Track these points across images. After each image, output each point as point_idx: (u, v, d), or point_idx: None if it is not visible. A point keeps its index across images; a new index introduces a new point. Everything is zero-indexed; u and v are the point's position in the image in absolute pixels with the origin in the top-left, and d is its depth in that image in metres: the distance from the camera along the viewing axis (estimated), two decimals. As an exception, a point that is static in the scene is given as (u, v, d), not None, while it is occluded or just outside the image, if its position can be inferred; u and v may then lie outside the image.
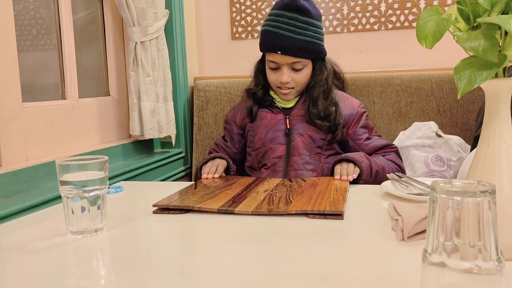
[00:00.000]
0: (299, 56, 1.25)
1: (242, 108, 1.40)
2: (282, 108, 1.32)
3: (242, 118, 1.40)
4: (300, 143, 1.27)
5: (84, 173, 0.73)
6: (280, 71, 1.27)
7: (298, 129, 1.28)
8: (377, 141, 1.31)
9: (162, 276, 0.57)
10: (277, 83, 1.29)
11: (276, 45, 1.24)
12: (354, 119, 1.31)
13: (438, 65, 1.62)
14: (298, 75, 1.28)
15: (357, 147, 1.30)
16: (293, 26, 1.23)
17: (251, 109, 1.35)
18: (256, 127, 1.34)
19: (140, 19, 1.44)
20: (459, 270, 0.40)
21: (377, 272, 0.57)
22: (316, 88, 1.28)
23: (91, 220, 0.74)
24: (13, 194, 1.04)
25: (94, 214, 0.74)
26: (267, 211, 0.82)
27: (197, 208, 0.85)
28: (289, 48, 1.23)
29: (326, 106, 1.26)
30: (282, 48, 1.24)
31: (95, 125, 1.44)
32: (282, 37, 1.23)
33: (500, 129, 0.58)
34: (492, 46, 0.52)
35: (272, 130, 1.30)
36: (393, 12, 1.68)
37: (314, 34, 1.25)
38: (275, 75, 1.29)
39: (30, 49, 1.29)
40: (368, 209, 0.86)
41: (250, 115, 1.36)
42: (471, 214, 0.40)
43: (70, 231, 0.74)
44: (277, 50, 1.24)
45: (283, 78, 1.26)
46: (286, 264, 0.60)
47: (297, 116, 1.30)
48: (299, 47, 1.23)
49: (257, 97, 1.35)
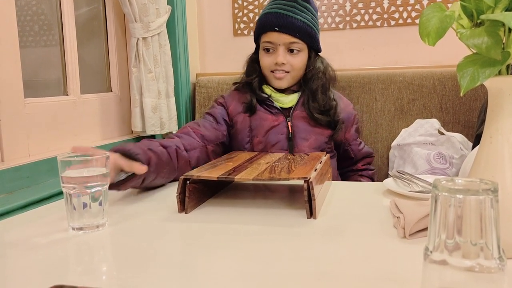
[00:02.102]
0: (296, 36, 1.20)
1: (235, 100, 1.28)
2: (281, 109, 1.25)
3: (236, 111, 1.27)
4: (305, 148, 1.22)
5: (86, 169, 0.73)
6: (276, 53, 1.22)
7: (301, 133, 1.22)
8: (366, 148, 1.37)
9: (163, 272, 0.57)
10: (271, 66, 1.23)
11: (274, 23, 1.20)
12: (351, 122, 1.31)
13: (440, 62, 1.61)
14: (294, 58, 1.22)
15: (351, 152, 1.33)
16: (292, 7, 1.21)
17: (250, 102, 1.25)
18: (255, 128, 1.24)
19: (142, 15, 1.44)
20: (460, 268, 0.40)
21: (378, 270, 0.57)
22: (314, 81, 1.23)
23: (93, 216, 0.74)
24: (15, 190, 1.05)
25: (96, 210, 0.74)
26: (268, 178, 0.81)
27: (196, 177, 0.83)
28: (287, 25, 1.19)
29: (326, 100, 1.23)
30: (280, 25, 1.19)
31: (97, 121, 1.44)
32: (280, 15, 1.20)
33: (503, 126, 0.58)
34: (495, 43, 0.52)
35: (273, 133, 1.23)
36: (396, 8, 1.67)
37: (312, 20, 1.23)
38: (270, 58, 1.23)
39: (32, 45, 1.29)
40: (370, 206, 0.86)
41: (249, 109, 1.25)
42: (473, 212, 0.40)
43: (72, 227, 0.74)
44: (275, 27, 1.20)
45: (279, 58, 1.20)
46: (286, 261, 0.60)
47: (299, 118, 1.24)
48: (297, 26, 1.19)
49: (253, 87, 1.25)
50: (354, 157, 1.34)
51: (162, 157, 0.97)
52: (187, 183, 0.83)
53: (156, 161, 0.94)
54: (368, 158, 1.37)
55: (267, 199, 0.92)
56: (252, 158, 1.04)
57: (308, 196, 0.78)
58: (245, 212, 0.83)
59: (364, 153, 1.35)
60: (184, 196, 0.83)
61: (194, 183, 0.85)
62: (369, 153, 1.37)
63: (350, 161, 1.35)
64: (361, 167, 1.36)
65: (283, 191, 0.99)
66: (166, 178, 1.00)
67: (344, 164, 1.35)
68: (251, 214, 0.82)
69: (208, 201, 0.91)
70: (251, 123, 1.25)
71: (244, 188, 1.02)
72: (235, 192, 0.98)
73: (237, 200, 0.93)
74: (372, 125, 1.57)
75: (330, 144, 1.26)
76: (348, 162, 1.35)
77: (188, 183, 0.83)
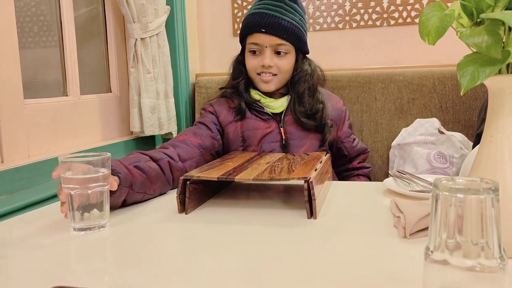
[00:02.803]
0: (284, 38, 1.16)
1: (225, 109, 1.23)
2: (272, 114, 1.21)
3: (227, 120, 1.22)
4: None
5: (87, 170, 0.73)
6: (262, 55, 1.18)
7: (295, 140, 1.20)
8: (360, 144, 1.34)
9: (164, 273, 0.57)
10: (257, 69, 1.19)
11: (260, 23, 1.16)
12: (342, 119, 1.29)
13: (440, 61, 1.61)
14: (281, 61, 1.18)
15: (344, 150, 1.30)
16: (279, 7, 1.17)
17: (239, 107, 1.20)
18: (248, 138, 1.20)
19: (140, 15, 1.44)
20: (461, 268, 0.40)
21: (379, 270, 0.57)
22: (300, 84, 1.20)
23: (94, 217, 0.74)
24: (15, 191, 1.05)
25: (97, 211, 0.74)
26: (268, 178, 0.81)
27: (197, 177, 0.83)
28: (274, 26, 1.15)
29: (312, 104, 1.20)
30: (266, 26, 1.15)
31: (97, 121, 1.44)
32: (267, 16, 1.16)
33: (503, 125, 0.57)
34: (495, 42, 0.52)
35: (267, 142, 1.19)
36: (395, 8, 1.67)
37: (299, 22, 1.20)
38: (256, 60, 1.19)
39: (32, 46, 1.29)
40: (370, 206, 0.86)
41: (239, 113, 1.21)
42: (474, 212, 0.40)
43: (73, 228, 0.74)
44: (261, 29, 1.16)
45: (266, 61, 1.16)
46: (286, 261, 0.60)
47: (291, 124, 1.20)
48: (284, 27, 1.16)
49: (240, 91, 1.21)
50: (348, 155, 1.31)
51: (151, 174, 0.91)
52: (187, 184, 0.83)
53: (141, 180, 0.88)
54: (363, 155, 1.35)
55: (267, 199, 0.92)
56: (252, 158, 1.03)
57: (309, 196, 0.78)
58: (245, 213, 0.83)
59: (358, 149, 1.32)
60: (184, 197, 0.83)
61: (194, 183, 0.85)
62: (363, 149, 1.34)
63: (344, 159, 1.33)
64: (357, 165, 1.33)
65: (283, 191, 0.99)
66: (159, 191, 0.95)
67: (339, 162, 1.33)
68: (251, 215, 0.82)
69: (208, 202, 0.91)
70: (243, 133, 1.21)
71: (244, 188, 1.02)
72: (235, 193, 0.98)
73: (237, 200, 0.92)
74: (372, 124, 1.56)
75: (325, 146, 1.24)
76: (343, 160, 1.33)
77: (188, 184, 0.83)
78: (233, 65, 1.28)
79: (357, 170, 1.34)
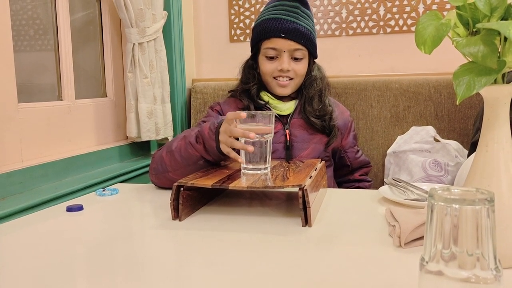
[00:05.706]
0: (301, 43, 1.20)
1: (232, 108, 1.26)
2: (279, 116, 1.23)
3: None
4: (302, 158, 1.20)
5: (256, 124, 0.92)
6: (280, 59, 1.21)
7: (299, 142, 1.22)
8: (363, 157, 1.36)
9: (157, 280, 0.57)
10: (274, 73, 1.22)
11: (279, 29, 1.19)
12: (347, 129, 1.31)
13: (436, 69, 1.62)
14: (298, 65, 1.22)
15: (346, 159, 1.32)
16: (296, 13, 1.20)
17: (247, 108, 1.23)
18: None
19: (138, 20, 1.43)
20: (456, 279, 0.39)
21: (374, 279, 0.56)
22: (311, 88, 1.24)
23: (259, 157, 0.92)
24: (8, 196, 1.03)
25: (261, 154, 0.92)
26: (262, 187, 0.81)
27: (190, 184, 0.82)
28: (293, 32, 1.18)
29: (321, 106, 1.23)
30: (286, 32, 1.18)
31: (92, 126, 1.43)
32: (285, 22, 1.19)
33: (499, 135, 0.57)
34: (491, 52, 0.52)
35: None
36: (391, 16, 1.68)
37: (312, 27, 1.24)
38: (273, 65, 1.22)
39: (27, 49, 1.28)
40: (365, 214, 0.85)
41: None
42: (469, 222, 0.39)
43: (245, 168, 0.92)
44: (281, 34, 1.18)
45: (284, 65, 1.19)
46: (281, 269, 0.60)
47: (296, 126, 1.23)
48: (302, 33, 1.19)
49: (251, 95, 1.24)
50: (350, 165, 1.33)
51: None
52: (180, 190, 0.82)
53: None
54: (365, 168, 1.36)
55: (262, 207, 0.92)
56: None
57: (303, 204, 0.77)
58: (239, 220, 0.83)
59: (360, 161, 1.34)
60: (177, 203, 0.82)
61: (188, 190, 0.84)
62: (366, 162, 1.36)
63: (346, 169, 1.34)
64: (358, 177, 1.35)
65: (279, 198, 0.99)
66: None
67: (340, 172, 1.34)
68: (245, 222, 0.81)
69: (202, 208, 0.91)
70: None
71: (239, 195, 1.01)
72: (230, 199, 0.98)
73: (232, 207, 0.92)
74: (368, 132, 1.57)
75: (328, 153, 1.25)
76: (345, 170, 1.34)
77: (182, 190, 0.82)
78: (243, 69, 1.30)
79: (358, 182, 1.35)
